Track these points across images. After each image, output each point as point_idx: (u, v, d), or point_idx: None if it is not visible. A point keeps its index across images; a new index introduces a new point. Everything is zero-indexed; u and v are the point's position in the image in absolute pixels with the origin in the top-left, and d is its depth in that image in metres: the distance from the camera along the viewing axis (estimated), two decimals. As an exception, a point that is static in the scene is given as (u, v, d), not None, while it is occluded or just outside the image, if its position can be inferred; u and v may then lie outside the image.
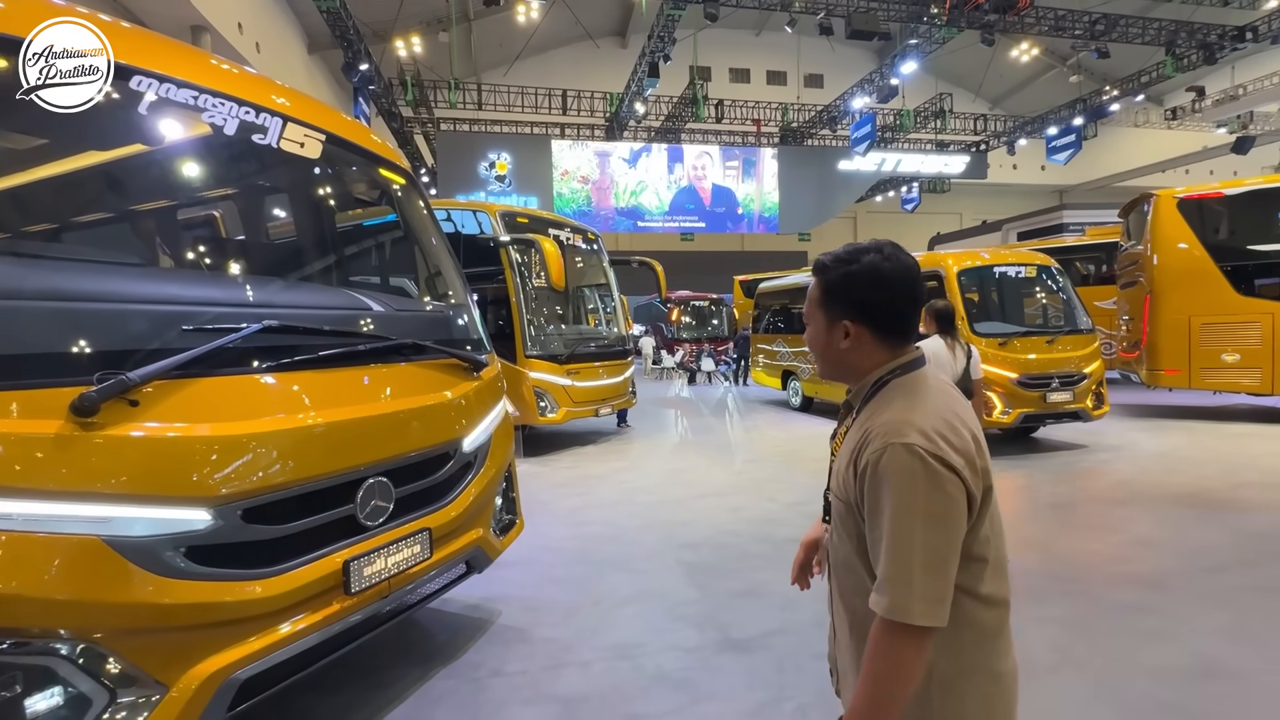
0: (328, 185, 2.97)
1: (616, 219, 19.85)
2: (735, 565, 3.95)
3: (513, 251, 7.36)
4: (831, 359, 1.13)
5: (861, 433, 1.04)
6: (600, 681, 2.66)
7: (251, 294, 2.30)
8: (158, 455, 1.68)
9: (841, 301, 1.09)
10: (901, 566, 0.93)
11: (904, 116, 22.07)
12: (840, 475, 1.08)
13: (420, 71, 18.94)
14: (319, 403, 2.14)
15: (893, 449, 0.96)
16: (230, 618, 1.79)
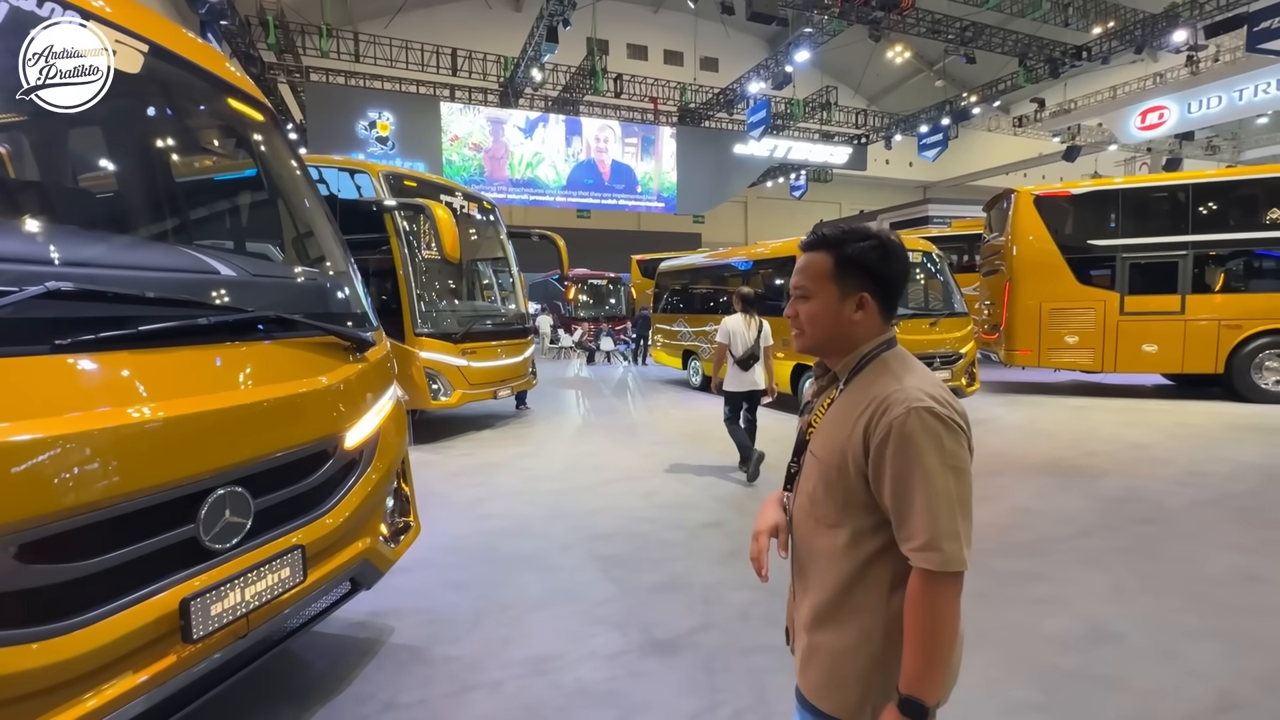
0: (150, 111, 2.31)
1: (511, 191, 18.90)
2: (651, 556, 3.76)
3: (399, 218, 6.62)
4: (836, 331, 1.17)
5: (866, 401, 1.09)
6: (514, 703, 2.35)
7: (29, 247, 1.69)
8: None
9: (859, 274, 1.14)
10: (948, 519, 1.00)
11: (794, 105, 22.87)
12: (836, 441, 1.12)
13: (284, 13, 16.72)
14: (138, 394, 1.62)
15: (916, 412, 1.03)
16: (7, 697, 1.28)
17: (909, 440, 1.01)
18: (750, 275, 10.01)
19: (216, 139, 2.79)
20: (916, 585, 1.02)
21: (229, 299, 2.04)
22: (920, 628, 1.01)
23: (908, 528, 1.02)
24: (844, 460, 1.09)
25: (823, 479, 1.13)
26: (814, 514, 1.16)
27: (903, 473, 1.02)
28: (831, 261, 1.15)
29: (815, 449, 1.18)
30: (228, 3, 12.98)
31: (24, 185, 2.26)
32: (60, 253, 1.73)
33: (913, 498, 1.01)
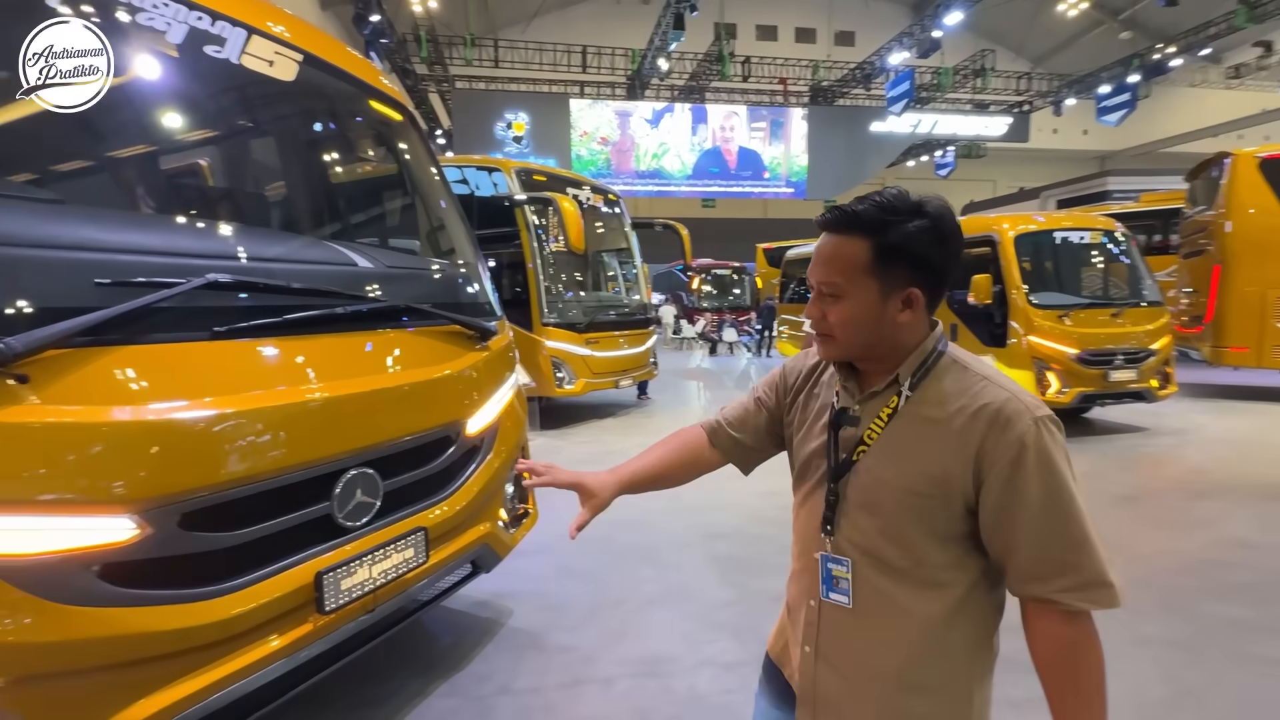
0: (303, 115, 2.51)
1: (637, 182, 19.11)
2: (773, 561, 3.54)
3: (529, 211, 6.87)
4: (876, 336, 0.94)
5: (962, 412, 0.89)
6: (624, 704, 2.29)
7: (194, 242, 1.87)
8: (59, 448, 1.28)
9: (907, 264, 0.91)
10: (1100, 546, 0.85)
11: (942, 75, 20.81)
12: (924, 462, 0.90)
13: (435, 27, 18.17)
14: (285, 378, 1.73)
15: (1043, 424, 0.86)
16: (164, 651, 1.41)
17: (1048, 459, 0.85)
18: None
19: (360, 138, 2.99)
20: (1072, 634, 0.85)
21: (364, 290, 2.14)
22: (1083, 686, 0.85)
23: (1057, 563, 0.84)
24: (943, 486, 0.89)
25: (906, 509, 0.91)
26: (887, 551, 0.93)
27: (1046, 499, 0.85)
28: (870, 250, 0.91)
29: (882, 472, 0.94)
30: (387, 22, 14.31)
31: (177, 179, 2.53)
32: (221, 247, 1.90)
33: (1065, 527, 0.85)
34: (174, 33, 1.85)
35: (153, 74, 1.87)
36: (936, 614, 0.91)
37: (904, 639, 0.93)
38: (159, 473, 1.41)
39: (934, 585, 0.92)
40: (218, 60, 1.96)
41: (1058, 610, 0.85)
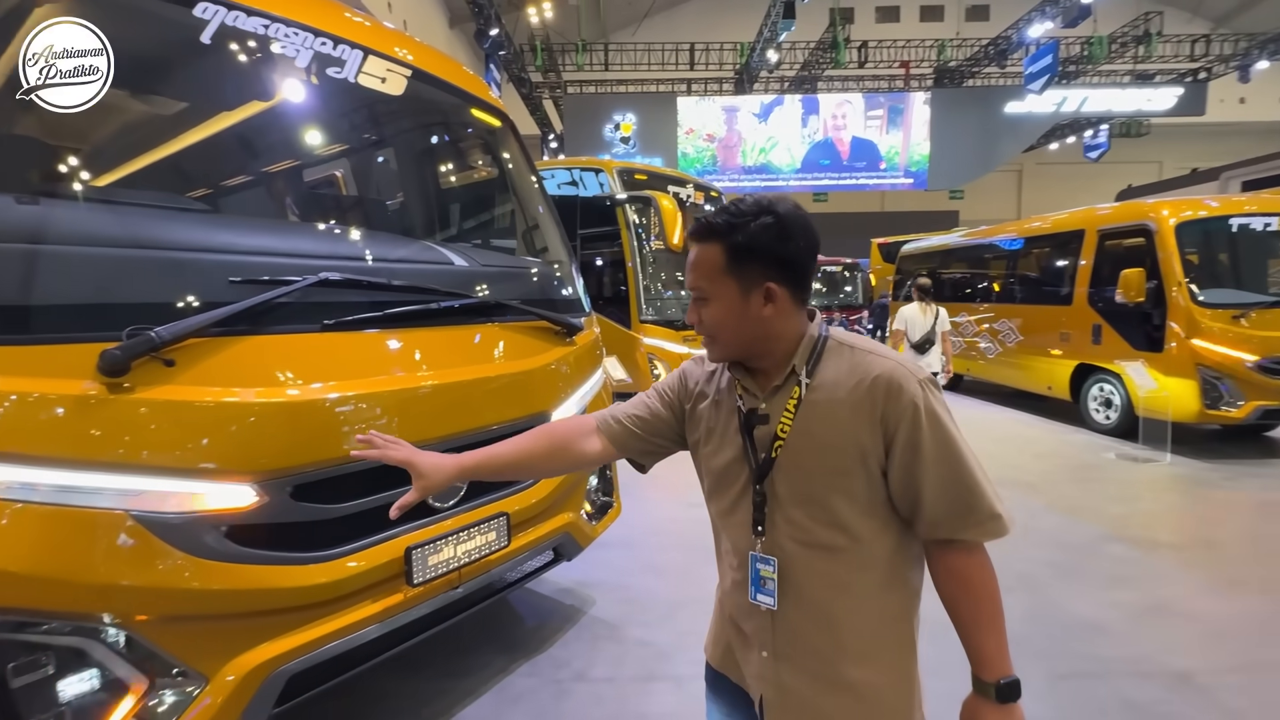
0: (411, 126, 2.72)
1: (743, 178, 18.77)
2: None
3: (629, 210, 6.98)
4: (750, 332, 1.01)
5: (858, 387, 0.96)
6: (696, 704, 2.24)
7: (312, 244, 2.09)
8: (193, 422, 1.49)
9: (760, 261, 0.98)
10: (989, 484, 0.95)
11: (1095, 44, 18.49)
12: (838, 440, 0.96)
13: (550, 36, 18.95)
14: (383, 368, 1.89)
15: (926, 386, 0.95)
16: (276, 606, 1.59)
17: (936, 417, 0.94)
18: (1020, 255, 8.38)
19: (462, 144, 3.19)
20: (969, 563, 0.96)
21: (459, 287, 2.27)
22: (983, 604, 0.95)
23: (956, 505, 0.94)
24: (860, 459, 0.96)
25: (831, 488, 0.97)
26: (826, 536, 0.98)
27: (940, 450, 0.94)
28: (724, 252, 0.98)
29: (801, 460, 0.98)
30: (506, 35, 15.13)
31: (299, 187, 2.81)
32: (333, 249, 2.11)
33: (957, 473, 0.94)
34: (302, 58, 2.08)
35: (285, 95, 2.11)
36: (874, 586, 0.99)
37: (850, 616, 0.99)
38: (275, 448, 1.59)
39: (869, 559, 0.98)
40: (338, 80, 2.18)
41: (959, 546, 0.95)
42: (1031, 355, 7.74)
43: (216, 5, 1.89)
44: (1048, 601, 3.02)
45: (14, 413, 1.30)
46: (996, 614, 0.95)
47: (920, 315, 5.87)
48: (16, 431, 1.30)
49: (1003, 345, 8.33)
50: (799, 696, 1.00)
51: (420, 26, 18.74)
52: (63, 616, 1.35)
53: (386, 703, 2.26)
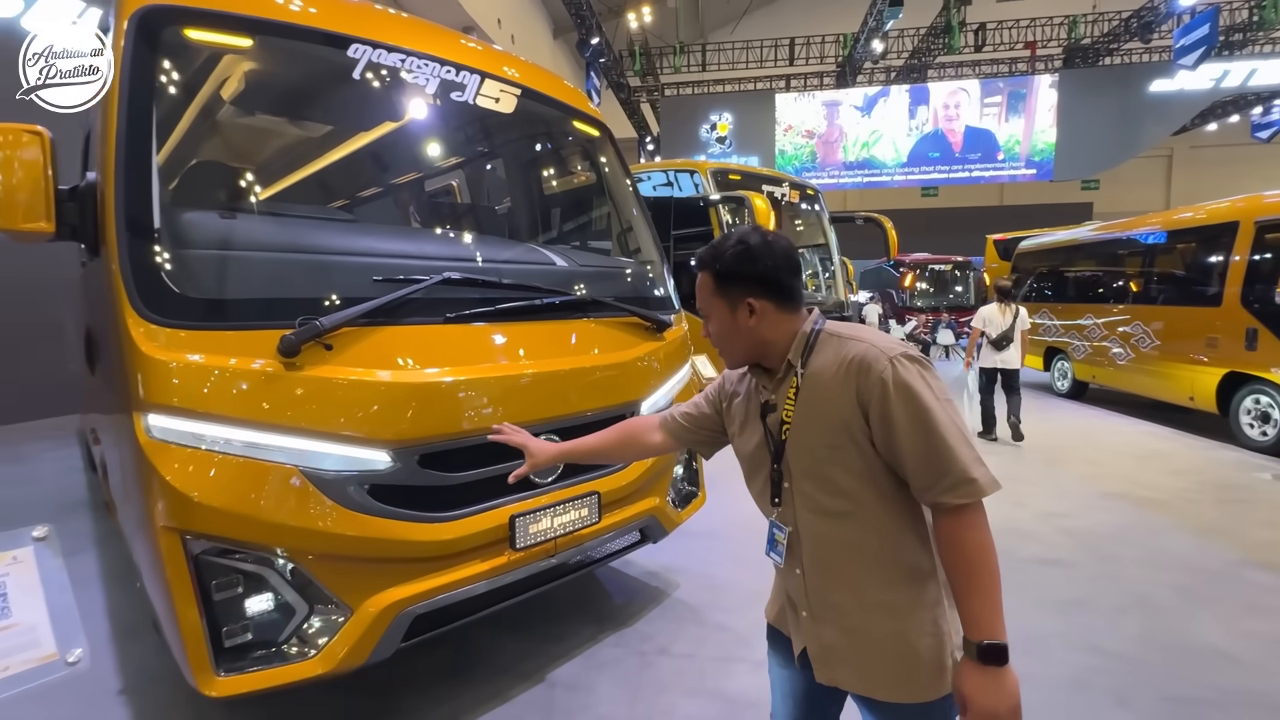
0: (521, 140, 3.00)
1: (844, 174, 18.13)
2: (960, 579, 3.25)
3: (723, 210, 7.05)
4: (745, 340, 1.18)
5: (839, 370, 1.08)
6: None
7: (436, 247, 2.39)
8: (346, 397, 1.79)
9: (738, 282, 1.15)
10: (965, 448, 1.01)
11: (1266, 8, 16.11)
12: (829, 419, 1.09)
13: (648, 40, 19.30)
14: (493, 356, 2.14)
15: (898, 360, 1.04)
16: (405, 555, 1.87)
17: (904, 387, 1.03)
18: (1160, 251, 7.54)
19: (565, 153, 3.44)
20: (956, 526, 1.01)
21: (558, 286, 2.49)
22: (974, 567, 1.00)
23: (932, 470, 1.02)
24: (846, 431, 1.07)
25: (830, 461, 1.10)
26: (832, 503, 1.11)
27: (911, 420, 1.02)
28: (710, 279, 1.18)
29: (804, 439, 1.13)
30: (605, 43, 15.62)
31: (430, 198, 3.16)
32: (454, 252, 2.40)
33: (929, 439, 1.01)
34: (430, 85, 2.39)
35: (417, 116, 2.43)
36: (886, 545, 1.09)
37: (867, 573, 1.10)
38: (406, 421, 1.87)
39: (875, 522, 1.09)
40: (459, 101, 2.48)
41: (946, 509, 1.02)
42: (1171, 362, 6.96)
43: (364, 45, 2.23)
44: (1169, 626, 2.80)
45: (217, 383, 1.65)
46: (985, 576, 0.99)
47: (999, 315, 6.21)
48: (218, 398, 1.64)
49: (1136, 351, 7.55)
50: (835, 648, 1.14)
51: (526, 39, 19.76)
52: (249, 547, 1.68)
53: (492, 656, 2.53)
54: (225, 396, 1.65)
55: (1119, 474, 5.20)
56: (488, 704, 2.24)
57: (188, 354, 1.64)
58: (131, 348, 1.62)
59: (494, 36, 16.91)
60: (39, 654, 1.41)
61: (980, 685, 0.98)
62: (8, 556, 1.45)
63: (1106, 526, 3.99)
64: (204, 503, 1.60)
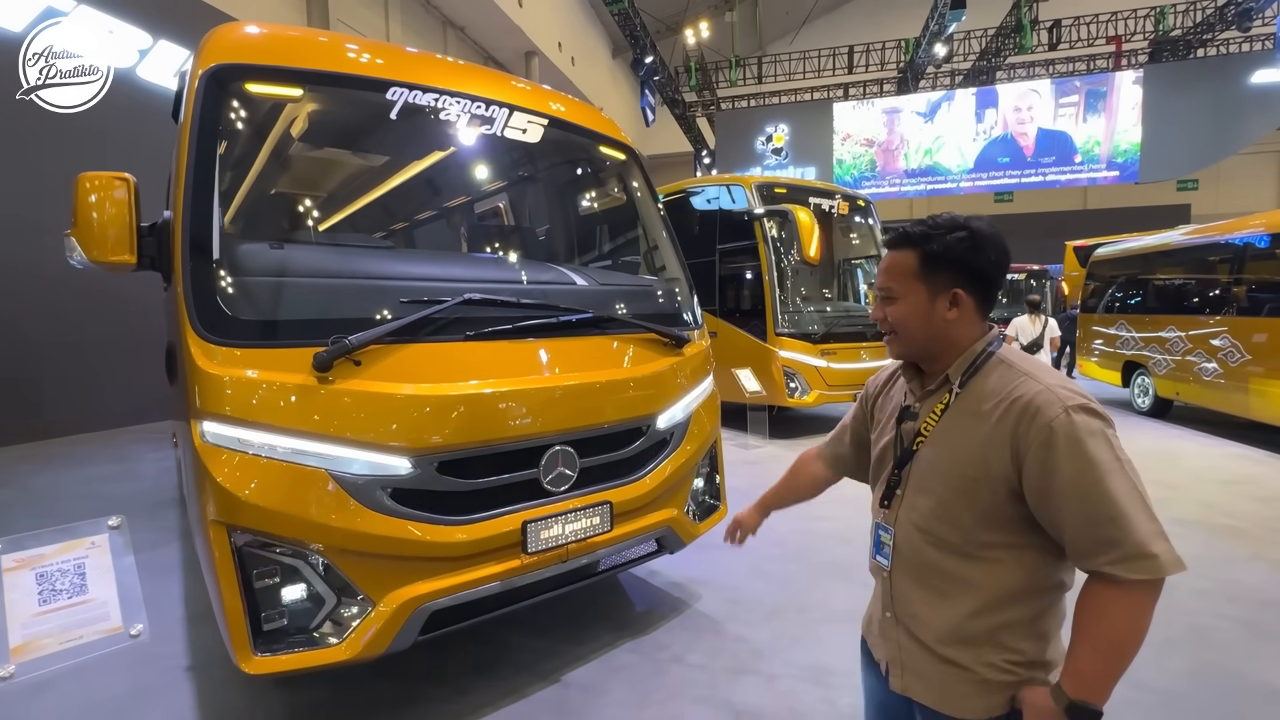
0: (548, 166, 3.17)
1: (906, 183, 17.58)
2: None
3: (767, 224, 7.05)
4: (932, 332, 1.10)
5: (1000, 405, 1.01)
6: (782, 702, 2.36)
7: (459, 270, 2.58)
8: (371, 408, 1.97)
9: (950, 268, 1.07)
10: (1148, 519, 0.92)
11: (1393, -14, 14.51)
12: (968, 450, 1.04)
13: (704, 55, 19.49)
14: (511, 370, 2.28)
15: (1075, 411, 0.95)
16: (423, 555, 2.03)
17: (1078, 442, 0.94)
18: (1258, 257, 6.90)
19: (592, 177, 3.60)
20: (1116, 599, 0.93)
21: (580, 304, 2.62)
22: (1111, 639, 0.93)
23: (1099, 537, 0.92)
24: (984, 471, 1.01)
25: (956, 491, 1.05)
26: (939, 528, 1.07)
27: (1079, 478, 0.93)
28: (916, 258, 1.09)
29: (935, 459, 1.09)
30: (660, 61, 15.90)
31: (459, 224, 3.36)
32: (474, 274, 2.58)
33: (1101, 503, 0.92)
34: (461, 120, 2.60)
35: (447, 149, 2.64)
36: (988, 583, 1.03)
37: (957, 604, 1.06)
38: (427, 431, 2.04)
39: (984, 559, 1.03)
40: (488, 135, 2.67)
41: (1105, 579, 0.94)
42: (1270, 379, 6.37)
43: (400, 87, 2.46)
44: (1222, 662, 2.60)
45: (260, 395, 1.87)
46: (1121, 656, 0.92)
47: (1030, 325, 7.58)
48: (261, 408, 1.86)
49: (1227, 366, 6.94)
50: (913, 656, 1.12)
51: (586, 60, 20.37)
52: (286, 542, 1.88)
53: (513, 654, 2.67)
54: (267, 406, 1.87)
55: (1196, 499, 4.82)
56: (506, 699, 2.37)
57: (237, 369, 1.87)
58: (191, 363, 1.86)
59: (555, 59, 17.55)
60: (107, 626, 1.65)
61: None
62: (87, 541, 1.71)
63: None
64: (247, 501, 1.82)
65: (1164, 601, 0.91)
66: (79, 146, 6.56)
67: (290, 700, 2.38)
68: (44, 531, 1.68)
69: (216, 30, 2.32)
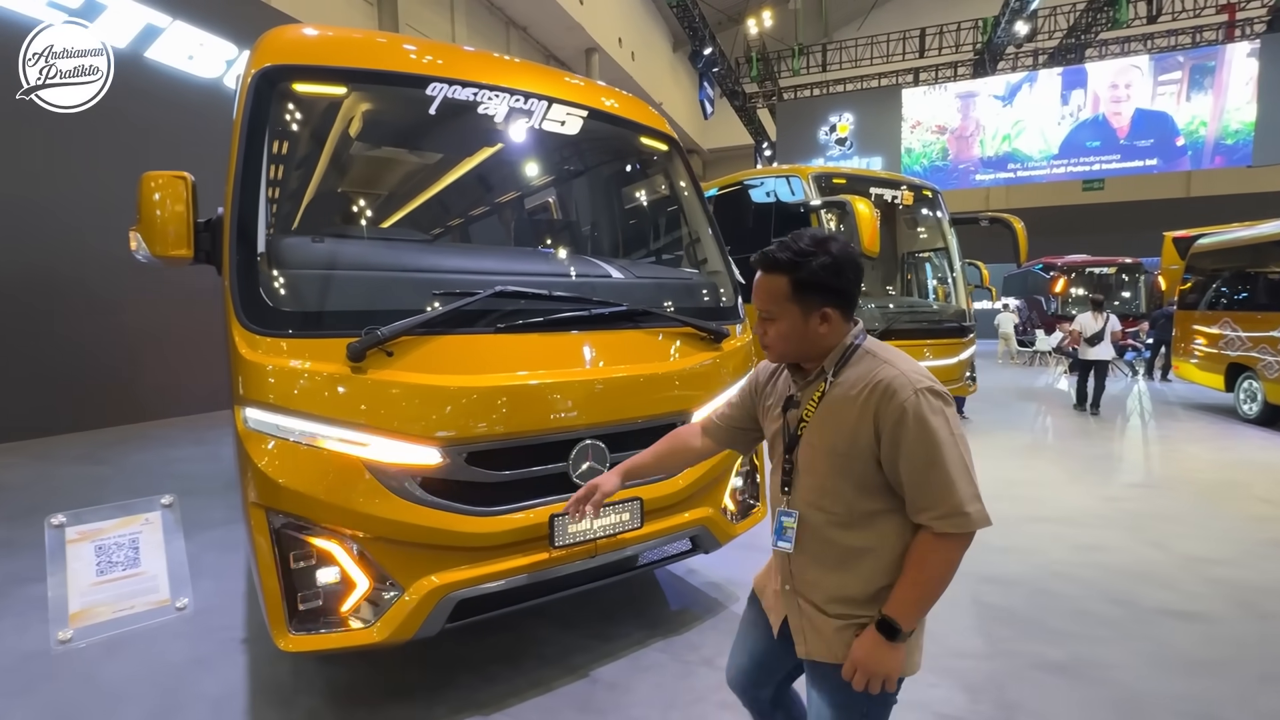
0: (588, 157, 3.15)
1: (982, 171, 16.58)
2: (1058, 625, 2.89)
3: (823, 216, 6.80)
4: (807, 344, 1.26)
5: (865, 388, 1.17)
6: (816, 714, 2.25)
7: (493, 263, 2.59)
8: (401, 398, 2.01)
9: (818, 291, 1.21)
10: (967, 484, 1.11)
11: None
12: (843, 429, 1.20)
13: (766, 44, 19.05)
14: (541, 363, 2.27)
15: (922, 394, 1.13)
16: (451, 544, 2.05)
17: (923, 419, 1.11)
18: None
19: (632, 168, 3.55)
20: (931, 544, 1.13)
21: (616, 297, 2.58)
22: (927, 579, 1.14)
23: (928, 498, 1.12)
24: (854, 446, 1.18)
25: (834, 467, 1.21)
26: (826, 499, 1.23)
27: (919, 450, 1.11)
28: (788, 283, 1.21)
29: (816, 440, 1.24)
30: (720, 52, 15.65)
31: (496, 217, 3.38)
32: (509, 266, 2.58)
33: (932, 471, 1.11)
34: (500, 114, 2.61)
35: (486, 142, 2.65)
36: (870, 546, 1.20)
37: (856, 571, 1.22)
38: (456, 421, 2.06)
39: (872, 528, 1.20)
40: (526, 128, 2.67)
41: (929, 531, 1.13)
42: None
43: (439, 82, 2.49)
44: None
45: (298, 383, 1.93)
46: (933, 589, 1.14)
47: (1092, 320, 8.43)
48: (299, 395, 1.92)
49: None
50: (813, 622, 1.27)
51: (646, 55, 20.32)
52: (320, 526, 1.94)
53: (542, 646, 2.68)
54: (304, 394, 1.93)
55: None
56: (532, 691, 2.38)
57: (277, 358, 1.94)
58: (235, 352, 1.95)
59: (615, 55, 17.60)
60: (156, 598, 1.75)
61: (868, 644, 1.16)
62: (141, 518, 1.82)
63: (1270, 579, 3.33)
64: (285, 485, 1.88)
65: (1263, 632, 0.79)
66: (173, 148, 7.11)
67: (330, 676, 2.47)
68: (104, 507, 1.80)
69: (269, 33, 2.42)
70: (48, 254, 6.95)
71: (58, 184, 6.98)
